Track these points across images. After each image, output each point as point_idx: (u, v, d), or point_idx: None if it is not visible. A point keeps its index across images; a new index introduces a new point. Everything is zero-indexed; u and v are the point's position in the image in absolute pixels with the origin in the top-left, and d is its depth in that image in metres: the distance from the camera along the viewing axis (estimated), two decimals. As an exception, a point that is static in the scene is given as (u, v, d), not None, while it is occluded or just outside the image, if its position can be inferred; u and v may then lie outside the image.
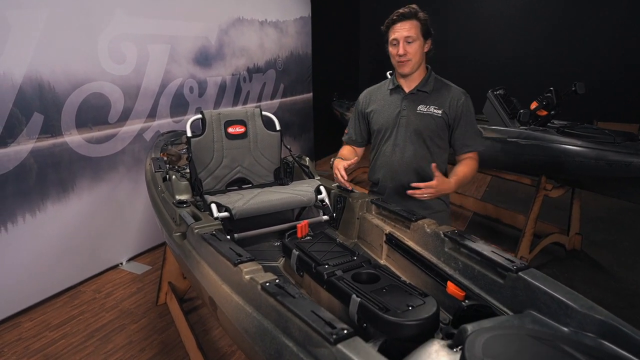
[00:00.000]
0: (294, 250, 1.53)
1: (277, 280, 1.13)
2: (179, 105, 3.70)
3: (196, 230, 1.52)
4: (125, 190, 3.32)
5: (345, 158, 1.95)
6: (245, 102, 4.54)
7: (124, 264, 3.41)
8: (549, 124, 3.27)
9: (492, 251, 1.29)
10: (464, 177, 1.82)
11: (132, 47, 3.22)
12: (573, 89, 3.13)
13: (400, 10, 1.76)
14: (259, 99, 4.78)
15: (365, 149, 2.13)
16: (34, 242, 2.76)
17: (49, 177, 2.81)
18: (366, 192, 2.11)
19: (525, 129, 3.12)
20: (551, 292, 1.08)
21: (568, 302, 1.04)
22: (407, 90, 1.88)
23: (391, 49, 1.82)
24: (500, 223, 4.19)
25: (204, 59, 3.90)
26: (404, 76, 1.86)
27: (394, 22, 1.77)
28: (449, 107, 1.82)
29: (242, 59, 4.40)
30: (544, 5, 5.84)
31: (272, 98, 4.99)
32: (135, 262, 3.46)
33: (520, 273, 1.17)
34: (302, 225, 1.67)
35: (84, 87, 2.92)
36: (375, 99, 1.98)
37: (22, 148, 2.63)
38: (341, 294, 1.26)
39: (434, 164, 1.70)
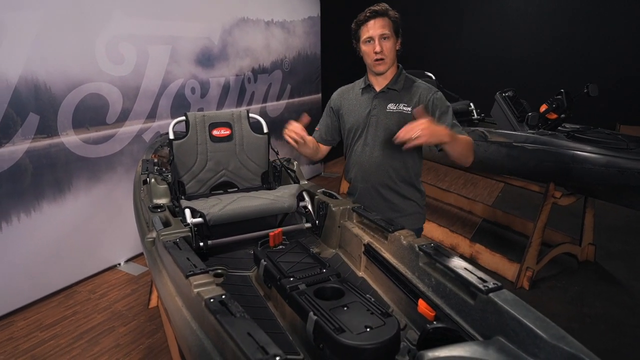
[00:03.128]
0: (262, 261, 1.46)
1: (222, 297, 1.05)
2: (181, 106, 3.69)
3: (162, 237, 1.47)
4: (124, 190, 3.32)
5: (306, 138, 1.85)
6: (250, 103, 4.51)
7: (121, 264, 3.41)
8: (559, 128, 3.10)
9: (465, 268, 1.18)
10: (459, 137, 1.65)
11: (131, 47, 3.21)
12: (585, 90, 2.96)
13: (373, 8, 1.73)
14: (265, 100, 4.74)
15: (327, 149, 2.10)
16: (29, 242, 2.78)
17: (44, 177, 2.82)
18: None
19: (533, 133, 2.96)
20: (520, 317, 0.97)
21: (537, 330, 0.93)
22: (377, 89, 1.85)
23: (365, 48, 1.78)
24: (510, 231, 4.02)
25: (206, 59, 3.88)
26: (378, 75, 1.82)
27: (367, 19, 1.73)
28: (419, 104, 1.77)
29: (247, 59, 4.36)
30: (557, 2, 5.58)
31: (278, 99, 4.94)
32: (134, 262, 3.46)
33: (490, 294, 1.07)
34: (275, 233, 1.60)
35: (81, 88, 2.93)
36: (347, 97, 1.97)
37: (17, 148, 2.65)
38: (300, 311, 1.18)
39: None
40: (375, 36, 1.72)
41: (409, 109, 1.78)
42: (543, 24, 5.67)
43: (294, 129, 1.75)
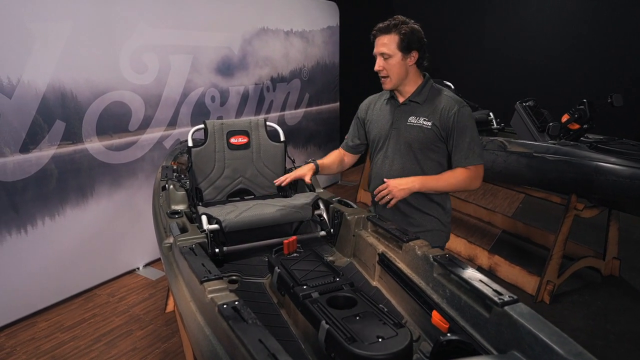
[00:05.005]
0: (276, 268, 1.47)
1: (235, 303, 1.07)
2: (200, 114, 3.76)
3: (178, 243, 1.50)
4: (144, 196, 3.38)
5: (324, 164, 1.94)
6: (268, 111, 4.56)
7: (140, 269, 3.47)
8: (581, 139, 3.04)
9: (481, 280, 1.17)
10: (439, 179, 1.73)
11: (154, 57, 3.30)
12: (609, 100, 2.89)
13: (380, 24, 1.70)
14: (283, 109, 4.78)
15: (354, 158, 2.11)
16: (53, 245, 2.86)
17: (68, 182, 2.91)
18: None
19: (554, 144, 2.90)
20: (536, 332, 0.95)
21: (553, 345, 0.91)
22: (400, 100, 1.82)
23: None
24: (531, 243, 3.93)
25: (226, 68, 3.95)
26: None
27: (374, 36, 1.72)
28: (440, 118, 1.72)
29: (266, 68, 4.42)
30: (580, 7, 5.46)
31: (296, 107, 4.99)
32: (152, 267, 3.52)
33: (505, 308, 1.05)
34: (289, 241, 1.61)
35: (105, 96, 3.02)
36: (373, 108, 1.94)
37: (43, 154, 2.74)
38: (312, 319, 1.19)
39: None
40: (377, 54, 1.72)
41: (430, 123, 1.73)
42: (565, 31, 5.56)
43: (285, 178, 1.82)
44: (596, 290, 3.14)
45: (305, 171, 1.83)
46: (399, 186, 1.68)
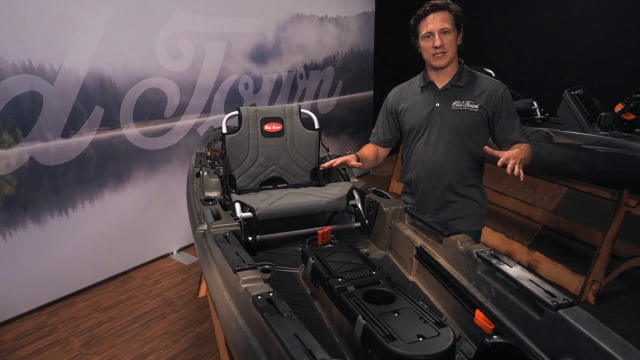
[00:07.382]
0: (310, 259, 1.43)
1: (270, 294, 1.03)
2: (234, 102, 3.76)
3: (212, 230, 1.48)
4: (178, 182, 3.43)
5: (363, 155, 1.86)
6: (301, 99, 4.51)
7: (174, 253, 3.53)
8: (636, 130, 2.82)
9: (530, 280, 1.08)
10: (525, 152, 1.61)
11: (189, 44, 3.31)
12: (670, 89, 2.66)
13: (433, 1, 1.69)
14: (316, 96, 4.72)
15: (387, 152, 2.05)
16: (91, 228, 2.94)
17: (107, 167, 2.97)
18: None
19: (606, 135, 2.71)
20: (596, 340, 0.87)
21: (617, 356, 0.83)
22: (440, 86, 1.78)
23: (424, 43, 1.72)
24: (574, 240, 3.73)
25: (259, 55, 3.92)
26: (438, 70, 1.75)
27: (427, 13, 1.69)
28: (487, 101, 1.73)
29: (300, 55, 4.36)
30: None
31: (329, 95, 4.91)
32: (185, 252, 3.58)
33: (560, 311, 0.97)
34: (324, 231, 1.57)
35: (142, 83, 3.05)
36: (406, 96, 1.89)
37: (83, 139, 2.81)
38: (348, 313, 1.14)
39: (486, 147, 1.60)
40: (435, 30, 1.67)
41: (476, 106, 1.73)
42: (619, 11, 5.16)
43: (334, 162, 1.67)
44: (646, 293, 2.94)
45: (349, 158, 1.74)
46: (524, 161, 1.57)
